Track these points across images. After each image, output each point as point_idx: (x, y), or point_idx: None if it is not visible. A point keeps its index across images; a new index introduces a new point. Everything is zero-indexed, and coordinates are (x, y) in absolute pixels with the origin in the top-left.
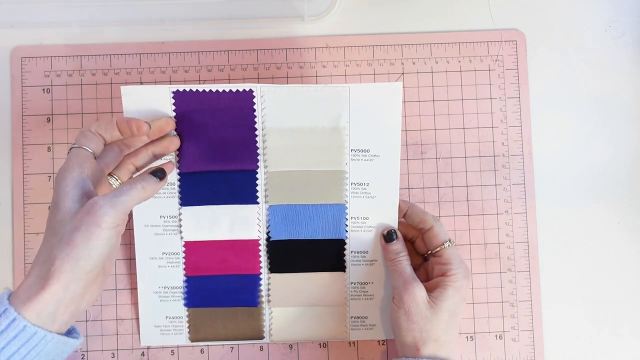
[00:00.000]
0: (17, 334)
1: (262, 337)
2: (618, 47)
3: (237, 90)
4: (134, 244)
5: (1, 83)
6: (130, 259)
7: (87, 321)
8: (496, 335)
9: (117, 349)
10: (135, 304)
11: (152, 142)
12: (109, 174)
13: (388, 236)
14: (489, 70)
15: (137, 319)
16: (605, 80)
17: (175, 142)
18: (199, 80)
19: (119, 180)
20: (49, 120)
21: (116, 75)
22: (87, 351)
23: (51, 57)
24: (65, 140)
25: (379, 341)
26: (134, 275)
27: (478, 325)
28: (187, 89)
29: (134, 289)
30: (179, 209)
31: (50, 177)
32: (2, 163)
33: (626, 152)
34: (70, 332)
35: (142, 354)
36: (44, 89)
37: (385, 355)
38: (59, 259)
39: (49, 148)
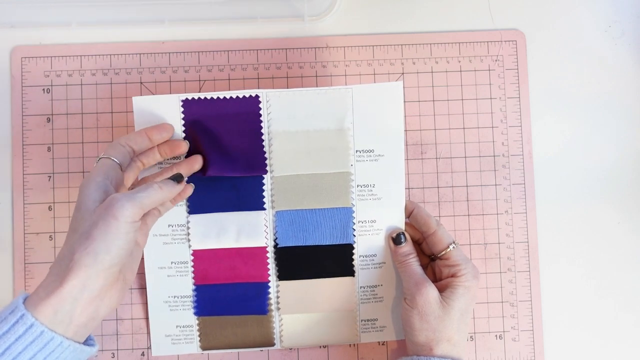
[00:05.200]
0: (34, 340)
1: (272, 344)
2: (618, 47)
3: (244, 97)
4: (143, 259)
5: (1, 83)
6: (132, 289)
7: None
8: (496, 335)
9: (117, 349)
10: (135, 304)
11: (164, 149)
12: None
13: (397, 239)
14: (489, 70)
15: (138, 319)
16: (605, 80)
17: (183, 146)
18: (199, 80)
19: None
20: (49, 120)
21: (116, 75)
22: None
23: (51, 57)
24: (65, 140)
25: (379, 341)
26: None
27: (478, 325)
28: (196, 97)
29: (134, 289)
30: (187, 217)
31: (50, 177)
32: (2, 163)
33: (626, 152)
34: (86, 340)
35: (142, 354)
36: (44, 89)
37: (385, 356)
38: (77, 253)
39: (49, 148)
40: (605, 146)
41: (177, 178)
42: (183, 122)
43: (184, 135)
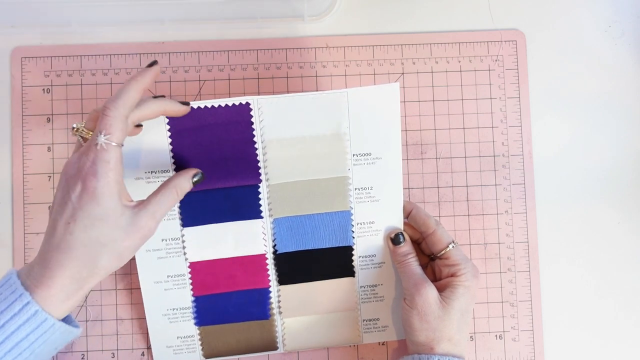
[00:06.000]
0: (29, 319)
1: (275, 348)
2: (618, 47)
3: (234, 104)
4: (136, 272)
5: (1, 83)
6: (132, 289)
7: (87, 321)
8: (496, 335)
9: (117, 349)
10: (135, 304)
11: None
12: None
13: (395, 239)
14: (489, 70)
15: (138, 319)
16: (605, 80)
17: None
18: (199, 80)
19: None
20: (49, 120)
21: (116, 75)
22: (87, 351)
23: (51, 57)
24: (65, 140)
25: (379, 341)
26: (134, 276)
27: (478, 325)
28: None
29: (134, 289)
30: (181, 231)
31: (50, 177)
32: (2, 163)
33: (626, 152)
34: (69, 321)
35: (142, 354)
36: (44, 89)
37: (386, 355)
38: (105, 269)
39: (49, 148)
40: (605, 146)
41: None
42: (169, 133)
43: (170, 147)
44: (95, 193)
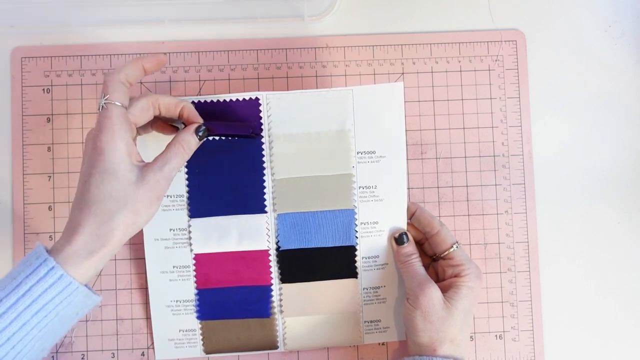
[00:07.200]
0: (54, 282)
1: (276, 347)
2: (618, 47)
3: (244, 99)
4: (144, 258)
5: (1, 83)
6: (132, 289)
7: (87, 321)
8: (496, 335)
9: (117, 349)
10: (135, 304)
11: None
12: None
13: (399, 239)
14: (489, 70)
15: (138, 319)
16: (605, 80)
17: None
18: (199, 80)
19: None
20: (49, 120)
21: None
22: (87, 351)
23: (51, 57)
24: (65, 140)
25: (379, 342)
26: (134, 275)
27: (478, 325)
28: (195, 100)
29: (134, 289)
30: (189, 221)
31: (50, 177)
32: (2, 163)
33: (626, 152)
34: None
35: (142, 354)
36: (44, 89)
37: (386, 356)
38: (123, 225)
39: (49, 148)
40: (605, 146)
41: (200, 132)
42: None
43: None
44: (102, 147)
